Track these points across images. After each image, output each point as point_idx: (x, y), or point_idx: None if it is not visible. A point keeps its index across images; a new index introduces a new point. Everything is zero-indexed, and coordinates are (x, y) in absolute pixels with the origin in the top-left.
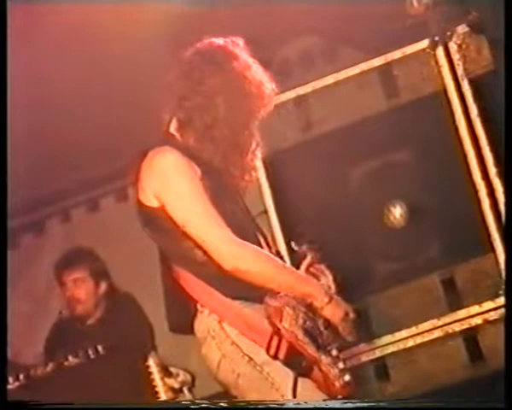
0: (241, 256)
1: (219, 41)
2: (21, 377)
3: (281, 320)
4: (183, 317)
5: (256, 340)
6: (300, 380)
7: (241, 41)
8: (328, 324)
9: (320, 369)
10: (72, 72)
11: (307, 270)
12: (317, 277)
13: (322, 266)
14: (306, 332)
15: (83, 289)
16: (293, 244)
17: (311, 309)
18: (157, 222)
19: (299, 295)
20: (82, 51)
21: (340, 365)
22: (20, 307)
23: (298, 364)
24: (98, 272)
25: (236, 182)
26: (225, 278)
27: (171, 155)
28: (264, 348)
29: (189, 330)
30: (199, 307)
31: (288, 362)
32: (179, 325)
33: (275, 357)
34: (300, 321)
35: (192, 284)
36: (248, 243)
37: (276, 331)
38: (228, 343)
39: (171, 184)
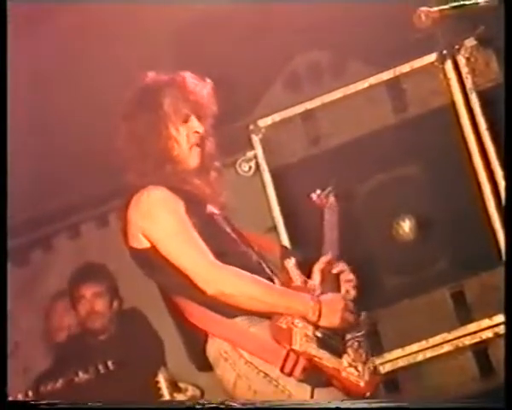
0: (222, 280)
1: (146, 80)
2: (30, 393)
3: (290, 343)
4: (190, 345)
5: (268, 359)
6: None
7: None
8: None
9: (340, 378)
10: (76, 71)
11: (324, 272)
12: (337, 278)
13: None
14: (320, 342)
15: (101, 304)
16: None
17: None
18: (151, 262)
19: (290, 314)
20: (84, 51)
21: (359, 367)
22: (29, 322)
23: (316, 379)
24: (112, 288)
25: (216, 203)
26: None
27: (156, 191)
28: (279, 367)
29: (197, 355)
30: None
31: (304, 379)
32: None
33: (290, 375)
34: (310, 334)
35: (197, 314)
36: (230, 267)
37: (291, 351)
38: (242, 363)
39: (156, 220)
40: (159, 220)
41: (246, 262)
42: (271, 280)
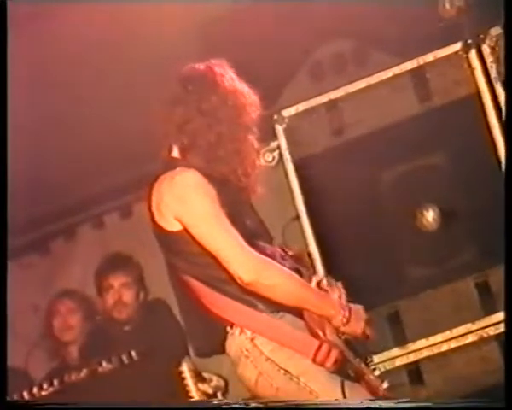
0: (261, 269)
1: (201, 65)
2: (56, 382)
3: (324, 331)
4: (208, 342)
5: (299, 349)
6: (348, 384)
7: (216, 61)
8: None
9: (365, 379)
10: (76, 71)
11: (317, 285)
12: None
13: (331, 280)
14: (345, 343)
15: (129, 294)
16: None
17: None
18: (179, 246)
19: (318, 314)
20: (85, 51)
21: (377, 371)
22: None
23: (346, 373)
24: (139, 279)
25: (248, 194)
26: (251, 293)
27: (191, 174)
28: (311, 356)
29: (216, 351)
30: (228, 328)
31: (335, 371)
32: (206, 351)
33: (322, 365)
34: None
35: (220, 303)
36: (269, 259)
37: (324, 342)
38: (263, 360)
39: (192, 204)
40: (195, 203)
41: (270, 257)
42: None
